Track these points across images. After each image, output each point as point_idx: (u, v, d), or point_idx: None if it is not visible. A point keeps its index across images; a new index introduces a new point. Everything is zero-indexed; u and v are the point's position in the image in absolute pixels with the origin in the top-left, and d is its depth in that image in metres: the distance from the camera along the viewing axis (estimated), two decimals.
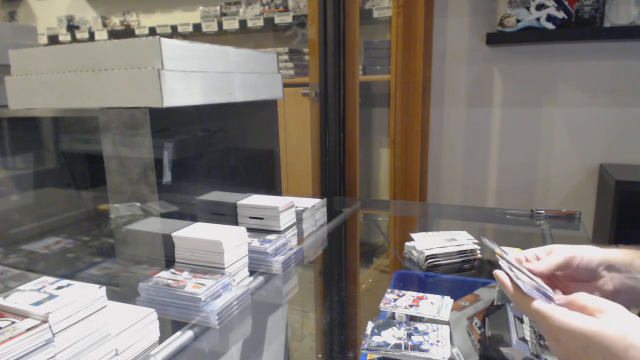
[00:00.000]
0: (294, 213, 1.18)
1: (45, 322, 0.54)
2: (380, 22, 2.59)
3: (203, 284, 0.80)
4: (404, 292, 0.82)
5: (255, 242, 0.99)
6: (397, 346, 0.65)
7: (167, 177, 0.91)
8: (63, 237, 1.14)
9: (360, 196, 1.86)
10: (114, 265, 1.01)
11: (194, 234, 0.90)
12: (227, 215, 1.13)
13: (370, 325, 0.70)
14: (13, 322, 0.54)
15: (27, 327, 0.53)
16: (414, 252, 1.08)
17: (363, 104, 2.08)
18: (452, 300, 0.80)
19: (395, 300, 0.80)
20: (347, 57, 1.70)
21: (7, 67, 0.98)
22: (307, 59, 2.78)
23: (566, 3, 1.99)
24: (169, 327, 0.75)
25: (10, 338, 0.51)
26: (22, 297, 0.58)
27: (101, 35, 3.41)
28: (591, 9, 1.97)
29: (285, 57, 2.73)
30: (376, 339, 0.67)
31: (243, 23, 2.90)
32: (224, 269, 0.86)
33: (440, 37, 2.32)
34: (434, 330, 0.69)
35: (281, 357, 0.79)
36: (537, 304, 0.52)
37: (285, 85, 1.34)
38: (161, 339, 0.70)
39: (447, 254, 1.05)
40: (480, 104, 2.33)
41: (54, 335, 0.54)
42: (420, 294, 0.81)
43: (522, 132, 2.27)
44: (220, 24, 2.97)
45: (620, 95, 2.08)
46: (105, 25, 3.49)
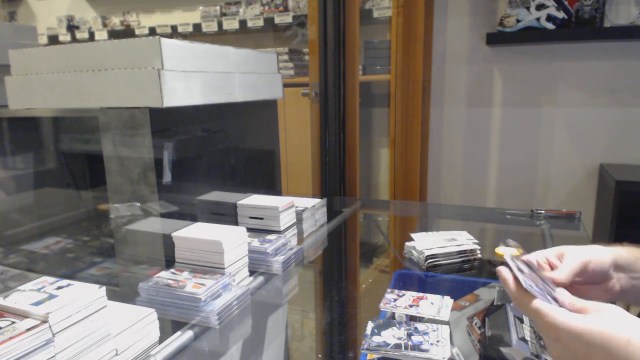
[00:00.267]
0: (294, 213, 1.18)
1: (45, 322, 0.54)
2: (380, 22, 2.59)
3: (203, 284, 0.80)
4: (404, 292, 0.82)
5: (255, 242, 0.99)
6: (397, 346, 0.65)
7: (167, 177, 0.91)
8: (63, 237, 1.14)
9: (360, 196, 1.86)
10: (114, 265, 1.01)
11: (194, 234, 0.90)
12: (227, 215, 1.13)
13: (370, 325, 0.70)
14: (13, 322, 0.54)
15: (27, 327, 0.53)
16: (414, 252, 1.08)
17: (363, 104, 2.08)
18: (452, 300, 0.80)
19: (395, 300, 0.80)
20: (347, 57, 1.70)
21: (7, 67, 0.98)
22: (307, 59, 2.78)
23: (566, 3, 1.99)
24: (169, 327, 0.75)
25: (10, 338, 0.51)
26: (22, 297, 0.58)
27: (101, 35, 3.41)
28: (591, 9, 1.97)
29: (285, 57, 2.73)
30: (376, 339, 0.67)
31: (243, 23, 2.90)
32: (224, 269, 0.86)
33: (440, 37, 2.32)
34: (434, 330, 0.69)
35: (281, 357, 0.79)
36: (537, 303, 0.52)
37: (285, 85, 1.34)
38: (161, 339, 0.70)
39: (447, 254, 1.05)
40: (480, 104, 2.33)
41: (54, 335, 0.54)
42: (420, 294, 0.81)
43: (522, 132, 2.27)
44: (220, 24, 2.97)
45: (620, 95, 2.08)
46: (105, 25, 3.49)
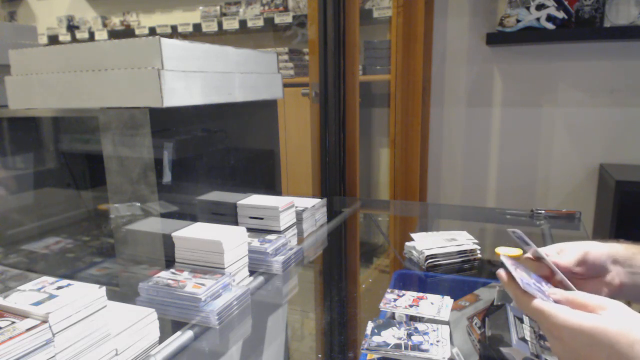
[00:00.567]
0: (294, 213, 1.18)
1: (45, 322, 0.54)
2: (380, 22, 2.59)
3: (203, 284, 0.80)
4: (404, 292, 0.82)
5: (255, 242, 0.99)
6: (397, 346, 0.65)
7: (167, 177, 0.91)
8: (63, 237, 1.14)
9: (360, 196, 1.86)
10: (114, 265, 1.01)
11: (194, 234, 0.90)
12: (227, 215, 1.13)
13: (370, 325, 0.70)
14: (13, 322, 0.54)
15: (27, 327, 0.53)
16: (414, 252, 1.08)
17: (363, 104, 2.08)
18: (452, 300, 0.80)
19: (395, 300, 0.80)
20: (347, 57, 1.70)
21: (7, 67, 0.98)
22: (307, 59, 2.78)
23: (566, 3, 1.99)
24: (169, 327, 0.75)
25: (10, 338, 0.51)
26: (22, 297, 0.58)
27: (101, 35, 3.41)
28: (591, 9, 1.97)
29: (285, 57, 2.73)
30: (376, 339, 0.67)
31: (243, 23, 2.90)
32: (224, 269, 0.86)
33: (440, 37, 2.32)
34: (434, 330, 0.69)
35: (281, 357, 0.79)
36: (538, 302, 0.52)
37: (285, 85, 1.34)
38: (161, 339, 0.70)
39: (447, 254, 1.05)
40: (480, 104, 2.33)
41: (54, 335, 0.54)
42: (420, 294, 0.81)
43: (522, 132, 2.27)
44: (220, 24, 2.97)
45: (620, 95, 2.08)
46: (105, 25, 3.49)
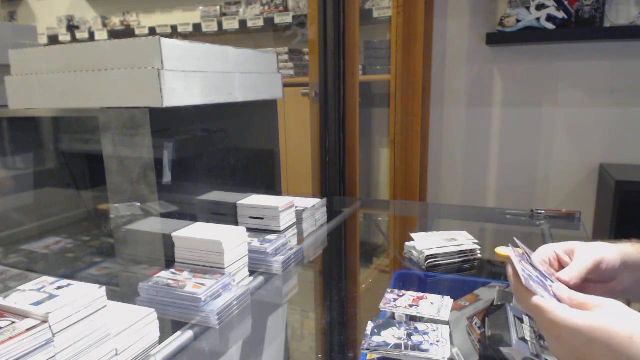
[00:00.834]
0: (294, 213, 1.18)
1: (45, 322, 0.54)
2: (380, 22, 2.59)
3: (203, 284, 0.80)
4: (404, 292, 0.82)
5: (255, 242, 0.99)
6: (397, 346, 0.65)
7: (167, 177, 0.91)
8: (63, 237, 1.14)
9: (360, 196, 1.86)
10: (114, 265, 1.01)
11: (194, 234, 0.90)
12: (227, 215, 1.13)
13: (370, 325, 0.70)
14: (13, 322, 0.54)
15: (27, 327, 0.53)
16: (414, 252, 1.08)
17: (363, 104, 2.08)
18: (452, 300, 0.80)
19: (395, 300, 0.80)
20: (347, 57, 1.70)
21: (7, 67, 0.98)
22: (307, 59, 2.78)
23: (566, 3, 1.99)
24: (169, 327, 0.75)
25: (10, 338, 0.51)
26: (22, 297, 0.58)
27: (101, 35, 3.41)
28: (591, 9, 1.97)
29: (285, 57, 2.73)
30: (376, 339, 0.67)
31: (243, 23, 2.90)
32: (224, 269, 0.86)
33: (440, 37, 2.32)
34: (434, 330, 0.69)
35: (281, 357, 0.79)
36: (537, 300, 0.52)
37: (285, 85, 1.34)
38: (161, 339, 0.70)
39: (447, 254, 1.05)
40: (480, 104, 2.33)
41: (54, 335, 0.54)
42: (420, 294, 0.81)
43: (522, 132, 2.27)
44: (220, 24, 2.97)
45: (620, 95, 2.08)
46: (105, 25, 3.49)
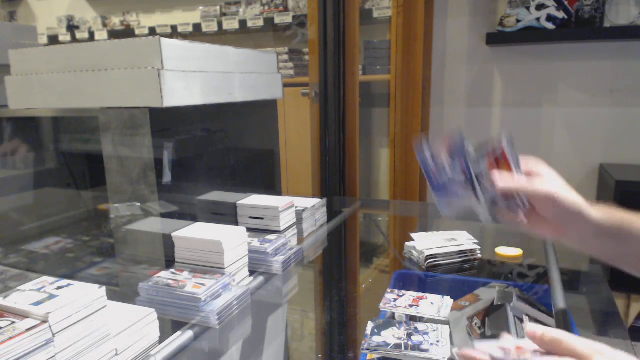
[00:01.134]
0: (294, 213, 1.18)
1: (45, 322, 0.54)
2: (380, 22, 2.59)
3: (203, 284, 0.80)
4: (404, 292, 0.82)
5: (255, 242, 0.99)
6: (397, 346, 0.65)
7: (167, 177, 0.91)
8: (63, 237, 1.14)
9: (360, 196, 1.86)
10: (114, 265, 1.01)
11: (194, 234, 0.90)
12: (227, 215, 1.13)
13: (370, 325, 0.70)
14: (13, 322, 0.54)
15: (27, 327, 0.53)
16: (414, 252, 1.08)
17: (363, 104, 2.08)
18: (452, 300, 0.80)
19: (395, 300, 0.80)
20: (347, 57, 1.70)
21: (7, 67, 0.98)
22: (307, 59, 2.78)
23: (566, 3, 1.99)
24: (169, 327, 0.75)
25: (10, 338, 0.51)
26: (22, 297, 0.58)
27: (101, 35, 3.41)
28: (591, 9, 1.97)
29: (285, 57, 2.73)
30: (376, 339, 0.67)
31: (243, 23, 2.90)
32: (224, 269, 0.86)
33: (440, 37, 2.32)
34: (434, 330, 0.69)
35: (281, 357, 0.79)
36: None
37: (285, 85, 1.34)
38: (161, 339, 0.70)
39: (447, 254, 1.05)
40: (480, 104, 2.33)
41: (54, 335, 0.54)
42: (420, 294, 0.81)
43: (522, 132, 2.27)
44: (220, 24, 2.97)
45: (620, 95, 2.08)
46: (105, 25, 3.49)
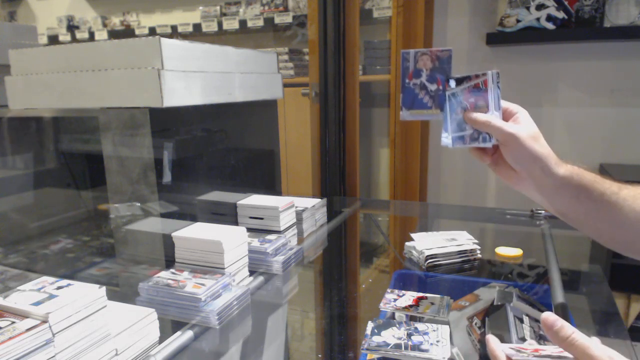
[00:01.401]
0: (294, 213, 1.18)
1: (45, 322, 0.54)
2: (380, 22, 2.59)
3: (203, 284, 0.80)
4: (404, 292, 0.82)
5: (255, 242, 0.99)
6: (397, 346, 0.65)
7: (167, 177, 0.91)
8: (63, 237, 1.14)
9: (360, 196, 1.86)
10: (114, 265, 1.01)
11: (194, 234, 0.90)
12: (227, 215, 1.13)
13: (370, 325, 0.70)
14: (13, 322, 0.54)
15: (27, 327, 0.53)
16: (414, 252, 1.08)
17: (363, 104, 2.08)
18: (452, 300, 0.80)
19: (395, 300, 0.80)
20: (347, 57, 1.70)
21: (7, 67, 0.98)
22: (307, 59, 2.78)
23: (566, 3, 1.99)
24: (169, 327, 0.75)
25: (10, 338, 0.51)
26: (22, 297, 0.58)
27: (101, 35, 3.41)
28: (591, 9, 1.97)
29: (285, 57, 2.73)
30: (376, 339, 0.67)
31: (243, 23, 2.90)
32: (224, 269, 0.86)
33: (440, 37, 2.32)
34: (434, 330, 0.69)
35: (281, 357, 0.79)
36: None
37: (285, 85, 1.34)
38: (161, 339, 0.70)
39: (447, 254, 1.05)
40: None
41: (54, 335, 0.54)
42: (420, 294, 0.81)
43: None
44: (220, 24, 2.97)
45: (620, 95, 2.08)
46: (105, 25, 3.49)
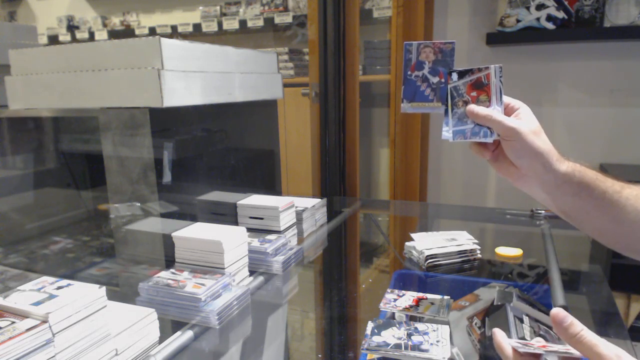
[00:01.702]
0: (294, 213, 1.18)
1: (45, 322, 0.54)
2: (380, 22, 2.59)
3: (203, 284, 0.80)
4: (404, 292, 0.82)
5: (255, 242, 0.99)
6: (397, 346, 0.65)
7: (167, 177, 0.91)
8: (63, 237, 1.14)
9: (360, 196, 1.86)
10: (114, 265, 1.01)
11: (194, 234, 0.90)
12: (227, 215, 1.13)
13: (370, 325, 0.70)
14: (13, 322, 0.54)
15: (27, 327, 0.53)
16: (414, 252, 1.08)
17: (363, 104, 2.08)
18: (452, 300, 0.80)
19: (395, 300, 0.80)
20: (347, 57, 1.70)
21: (7, 67, 0.98)
22: (307, 59, 2.78)
23: (566, 3, 1.99)
24: (169, 327, 0.75)
25: (10, 338, 0.51)
26: (22, 297, 0.58)
27: (101, 35, 3.41)
28: (591, 9, 1.97)
29: (285, 57, 2.73)
30: (376, 339, 0.67)
31: (243, 23, 2.90)
32: (224, 269, 0.86)
33: (440, 37, 2.32)
34: (434, 330, 0.69)
35: (281, 357, 0.79)
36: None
37: (285, 85, 1.34)
38: (161, 339, 0.70)
39: (447, 254, 1.05)
40: None
41: (54, 335, 0.54)
42: (420, 294, 0.81)
43: None
44: (220, 24, 2.97)
45: (620, 95, 2.08)
46: (105, 25, 3.49)
